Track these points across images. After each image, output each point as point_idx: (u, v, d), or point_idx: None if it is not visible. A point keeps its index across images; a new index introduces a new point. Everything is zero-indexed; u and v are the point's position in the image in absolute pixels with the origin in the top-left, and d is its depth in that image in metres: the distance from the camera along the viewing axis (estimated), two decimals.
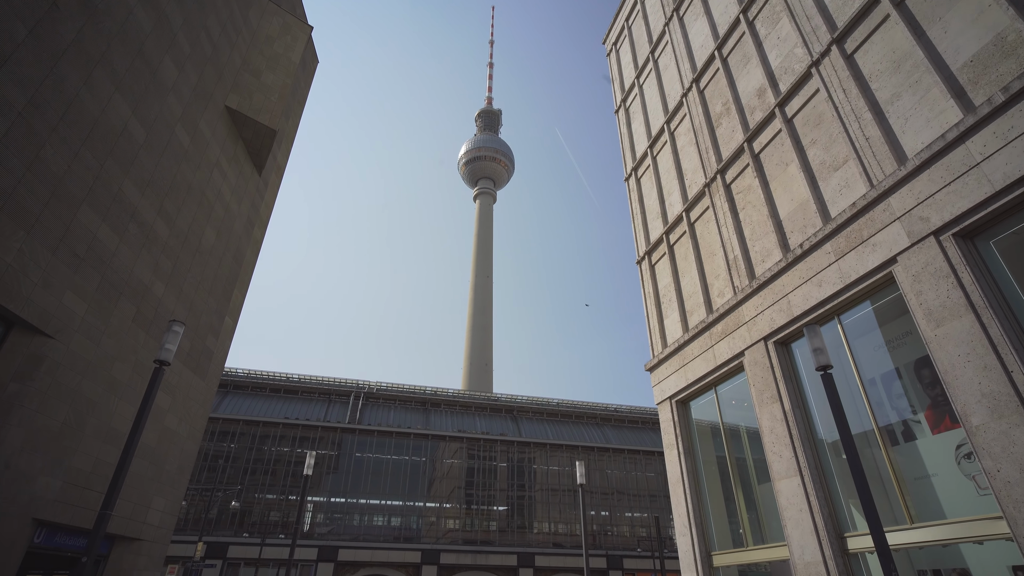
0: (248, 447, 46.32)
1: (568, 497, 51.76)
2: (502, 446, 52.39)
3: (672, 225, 17.09)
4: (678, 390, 15.21)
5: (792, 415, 11.08)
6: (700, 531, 13.70)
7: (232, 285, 15.92)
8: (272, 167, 18.39)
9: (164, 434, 12.86)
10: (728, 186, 14.54)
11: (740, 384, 13.40)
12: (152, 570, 12.63)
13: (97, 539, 6.41)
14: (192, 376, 13.95)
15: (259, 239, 17.82)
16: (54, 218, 9.10)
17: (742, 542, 12.71)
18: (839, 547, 9.79)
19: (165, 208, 12.23)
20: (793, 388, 11.41)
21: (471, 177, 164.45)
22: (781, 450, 11.19)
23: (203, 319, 14.33)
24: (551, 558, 47.45)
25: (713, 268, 14.82)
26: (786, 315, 11.53)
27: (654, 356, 16.81)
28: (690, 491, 14.17)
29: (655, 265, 18.03)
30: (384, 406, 54.85)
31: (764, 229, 12.91)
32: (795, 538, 10.51)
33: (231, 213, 15.65)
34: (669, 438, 15.39)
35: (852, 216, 10.03)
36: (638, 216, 19.60)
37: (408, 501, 48.87)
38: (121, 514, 11.44)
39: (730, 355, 13.18)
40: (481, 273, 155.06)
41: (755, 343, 12.38)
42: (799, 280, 11.25)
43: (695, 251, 15.63)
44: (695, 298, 15.39)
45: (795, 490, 10.68)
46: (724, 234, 14.37)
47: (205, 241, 14.23)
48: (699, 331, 14.46)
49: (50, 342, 9.25)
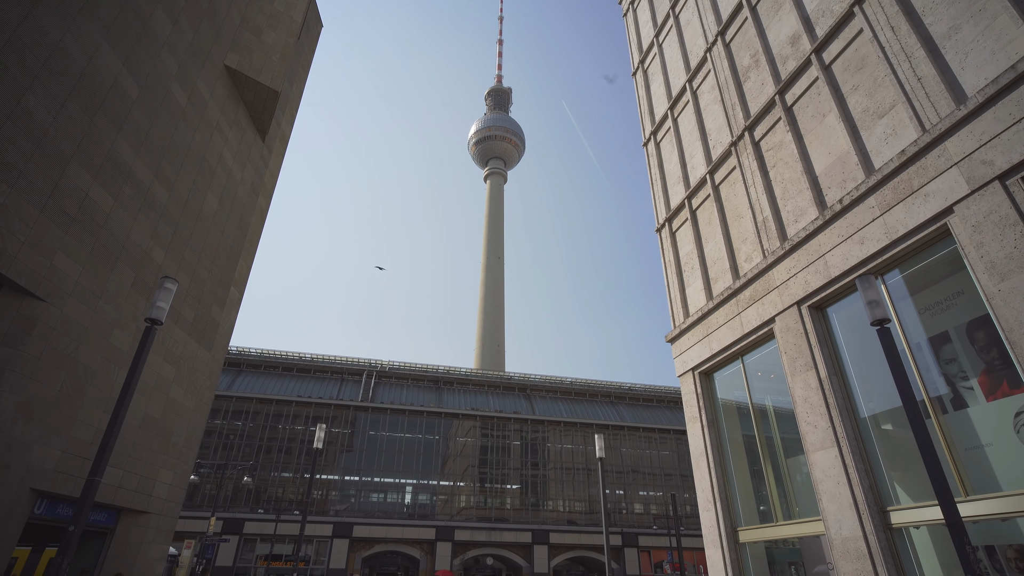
0: (262, 425, 46.56)
1: (581, 475, 51.59)
2: (516, 424, 52.17)
3: (695, 189, 16.23)
4: (701, 361, 14.52)
5: (828, 383, 10.36)
6: (725, 506, 13.11)
7: (237, 255, 15.39)
8: (276, 134, 17.73)
9: (170, 406, 12.46)
10: (757, 143, 13.63)
11: (769, 353, 12.67)
12: (161, 543, 12.34)
13: (85, 507, 5.92)
14: (197, 347, 13.51)
15: (264, 208, 17.23)
16: (40, 173, 8.54)
17: (770, 517, 12.11)
18: (881, 521, 9.13)
19: (163, 170, 11.64)
20: (829, 355, 10.67)
21: (481, 157, 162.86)
22: (816, 420, 10.50)
23: (207, 288, 13.83)
24: (565, 535, 47.44)
25: (740, 232, 13.99)
26: (822, 277, 10.74)
27: (675, 327, 16.10)
28: (714, 465, 13.56)
29: (676, 232, 17.22)
30: (397, 385, 54.80)
31: (797, 187, 12.05)
32: (831, 512, 9.86)
33: (234, 180, 15.04)
34: (692, 411, 14.75)
35: (900, 165, 9.16)
36: (657, 182, 18.73)
37: (422, 479, 49.01)
38: (127, 486, 11.09)
39: (759, 322, 12.43)
40: (492, 254, 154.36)
41: (787, 308, 11.61)
42: (837, 239, 10.42)
43: (720, 215, 14.79)
44: (720, 264, 14.60)
45: (832, 462, 10.00)
46: (752, 195, 13.51)
47: (207, 207, 13.67)
48: (724, 299, 13.70)
49: (41, 305, 8.75)
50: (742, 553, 12.65)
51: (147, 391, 11.61)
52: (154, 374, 11.82)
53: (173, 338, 12.48)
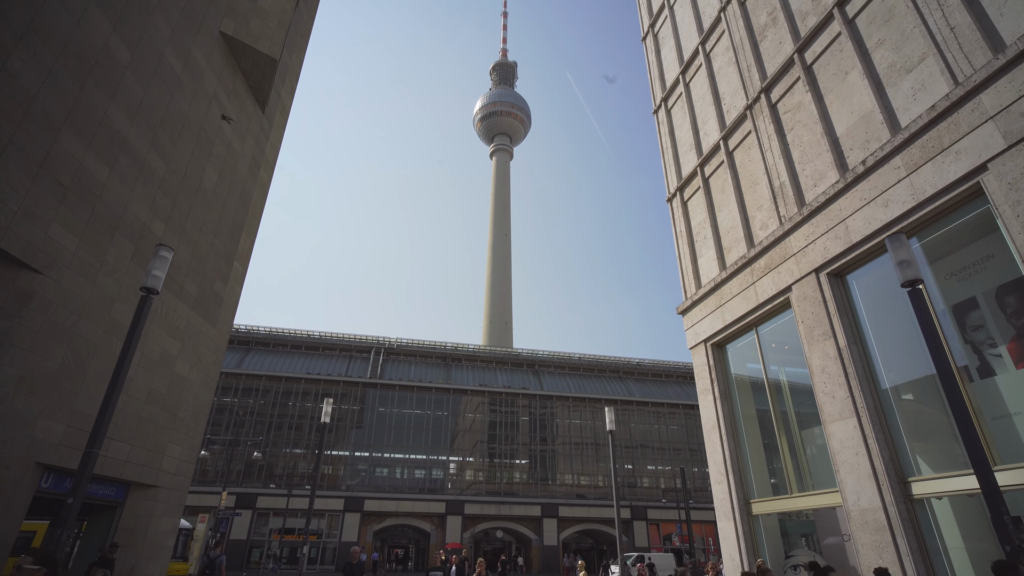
0: (272, 403, 46.95)
1: (590, 450, 51.88)
2: (524, 400, 52.31)
3: (707, 156, 15.71)
4: (714, 332, 14.20)
5: (848, 352, 10.03)
6: (738, 478, 12.93)
7: (239, 229, 15.13)
8: (276, 105, 17.30)
9: (175, 381, 12.34)
10: (774, 106, 13.08)
11: (785, 323, 12.33)
12: (171, 516, 12.36)
13: (83, 479, 5.76)
14: (201, 322, 13.34)
15: (266, 181, 16.91)
16: (31, 140, 8.24)
17: (784, 489, 11.91)
18: (902, 492, 8.89)
19: (159, 141, 11.32)
20: (849, 323, 10.32)
21: (487, 133, 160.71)
22: (834, 390, 10.20)
23: (209, 263, 13.61)
24: (574, 508, 47.90)
25: (755, 199, 13.53)
26: (842, 243, 10.32)
27: (687, 298, 15.75)
28: (727, 437, 13.35)
29: (687, 201, 16.75)
30: (405, 362, 54.97)
31: (817, 150, 11.55)
32: (849, 483, 9.63)
33: (234, 152, 14.70)
34: (704, 383, 14.49)
35: (930, 122, 8.67)
36: (668, 150, 18.18)
37: (431, 455, 49.47)
38: (135, 460, 11.03)
39: (774, 291, 12.06)
40: (499, 231, 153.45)
41: (804, 276, 11.23)
42: (860, 202, 9.98)
43: (734, 182, 14.31)
44: (734, 233, 14.18)
45: (850, 433, 9.73)
46: (768, 160, 13.01)
47: (206, 180, 13.36)
48: (738, 268, 13.32)
49: (38, 277, 8.55)
50: (755, 525, 12.51)
51: (152, 366, 11.48)
52: (158, 349, 11.67)
53: (177, 313, 12.30)
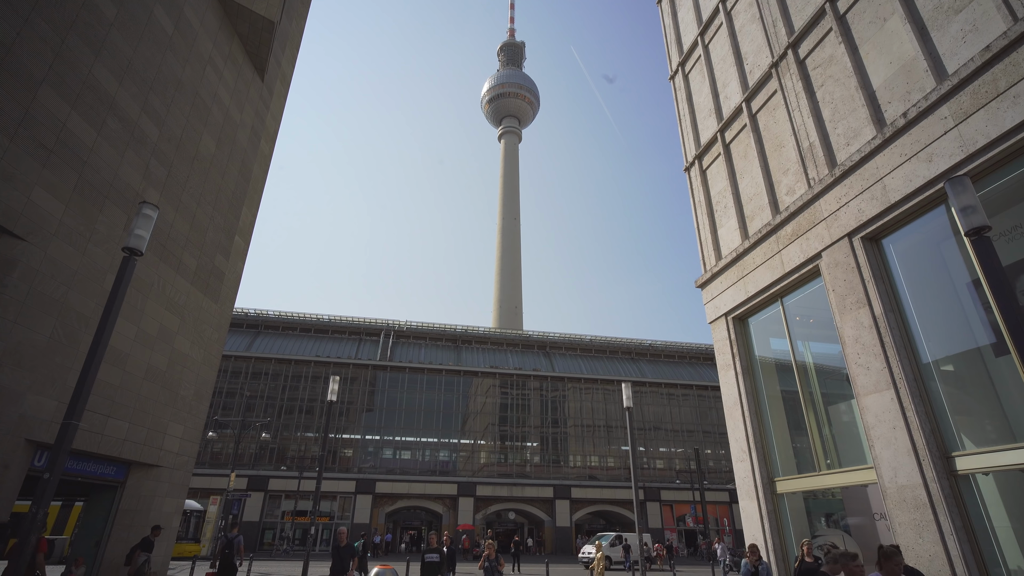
0: (282, 386, 46.90)
1: (602, 432, 51.52)
2: (535, 381, 51.89)
3: (728, 120, 14.90)
4: (735, 305, 13.53)
5: (884, 320, 9.34)
6: (761, 456, 12.36)
7: (240, 201, 14.60)
8: (277, 74, 16.65)
9: (176, 358, 11.92)
10: (802, 62, 12.23)
11: (812, 293, 11.64)
12: (175, 497, 12.03)
13: (61, 453, 5.29)
14: (202, 297, 12.88)
15: (267, 153, 16.32)
16: (7, 96, 7.70)
17: (811, 467, 11.31)
18: (944, 468, 8.26)
19: (151, 104, 10.74)
20: (886, 290, 9.61)
21: (495, 116, 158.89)
22: (869, 361, 9.54)
23: (209, 236, 13.11)
24: (587, 490, 47.69)
25: (780, 163, 12.76)
26: (879, 203, 9.58)
27: (706, 271, 15.06)
28: (749, 414, 12.75)
29: (706, 170, 15.98)
30: (415, 344, 54.69)
31: (850, 105, 10.74)
32: (886, 459, 9.01)
33: (232, 121, 14.12)
34: (725, 358, 13.85)
35: (983, 65, 7.87)
36: (686, 117, 17.36)
37: (443, 437, 49.35)
38: (134, 439, 10.65)
39: (802, 259, 11.35)
40: (508, 215, 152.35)
41: (836, 241, 10.51)
42: (899, 158, 9.21)
43: (757, 146, 13.52)
44: (757, 200, 13.43)
45: (887, 405, 9.09)
46: (796, 120, 12.21)
47: (203, 149, 12.81)
48: (763, 236, 12.60)
49: (21, 244, 8.06)
50: (779, 504, 11.95)
51: (150, 342, 11.04)
52: (156, 324, 11.22)
53: (175, 287, 11.83)
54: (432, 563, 10.36)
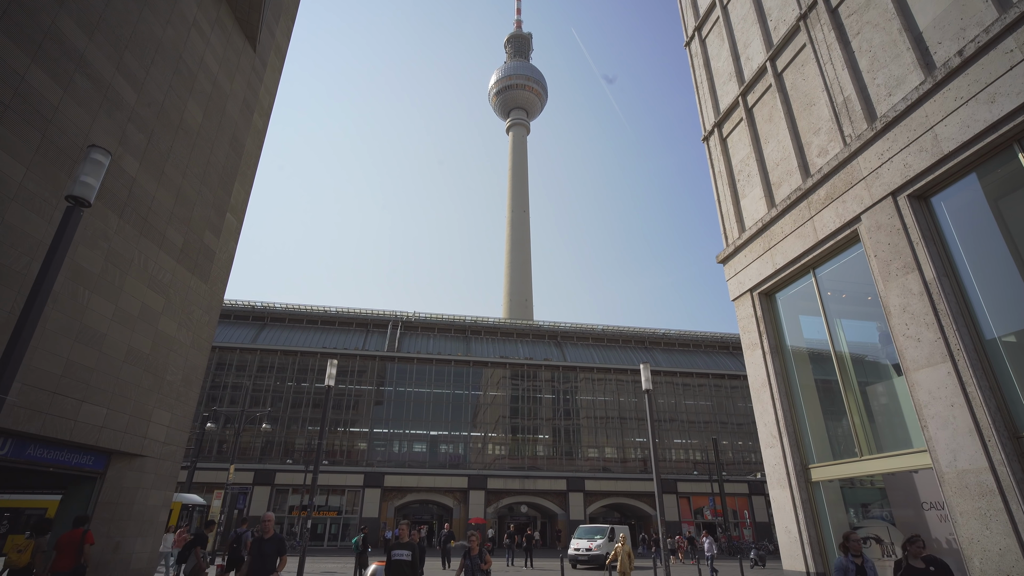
0: (288, 379, 46.29)
1: (615, 423, 50.51)
2: (546, 371, 50.90)
3: (751, 83, 13.85)
4: (762, 279, 12.52)
5: (937, 286, 8.31)
6: (793, 441, 11.37)
7: (231, 177, 13.80)
8: (270, 46, 15.79)
9: (160, 340, 11.14)
10: (834, 9, 11.16)
11: (850, 261, 10.61)
12: (162, 489, 11.28)
13: None
14: (189, 276, 12.10)
15: (261, 128, 15.50)
16: None
17: (850, 451, 10.31)
18: (1015, 450, 7.24)
19: (127, 65, 9.91)
20: (937, 252, 8.58)
21: (503, 108, 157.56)
22: (919, 332, 8.51)
23: (196, 211, 12.31)
24: (601, 482, 46.70)
25: (811, 122, 11.71)
26: (929, 156, 8.54)
27: (728, 245, 14.05)
28: (779, 395, 11.76)
29: (727, 138, 14.94)
30: (423, 335, 53.89)
31: (892, 52, 9.68)
32: (942, 441, 7.99)
33: (221, 90, 13.29)
34: (751, 337, 12.85)
35: None
36: (704, 84, 16.31)
37: (453, 430, 48.59)
38: (114, 426, 9.88)
39: (838, 224, 10.33)
40: (517, 208, 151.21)
41: (878, 202, 9.47)
42: (954, 103, 8.16)
43: (784, 106, 12.48)
44: (784, 165, 12.39)
45: (942, 380, 8.07)
46: (828, 74, 11.15)
47: (189, 117, 11.99)
48: (792, 203, 11.58)
49: None
50: (814, 493, 10.97)
51: (130, 321, 10.26)
52: (137, 302, 10.44)
53: (158, 264, 11.04)
54: (400, 562, 7.83)
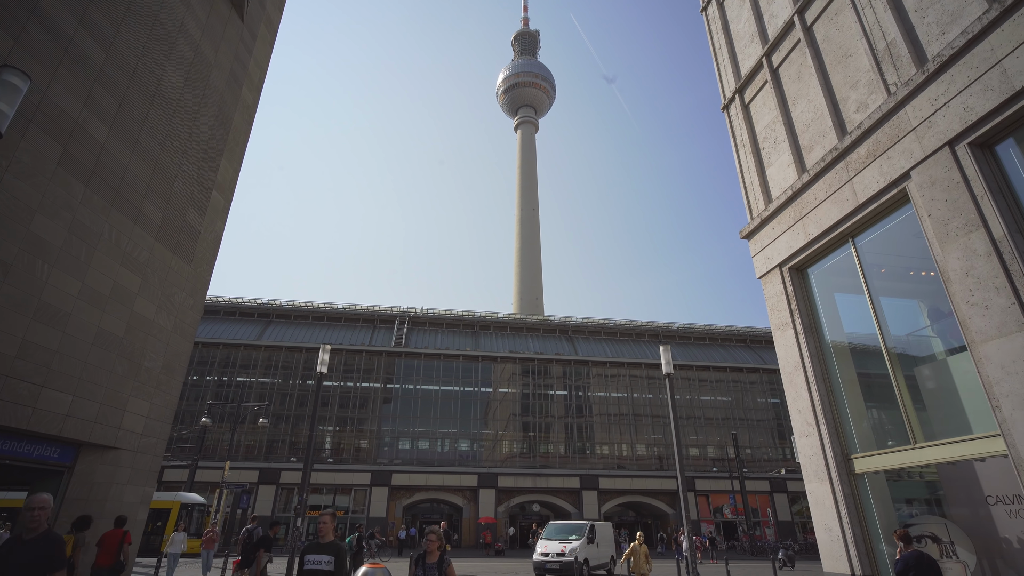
0: (292, 376, 45.50)
1: (629, 420, 49.22)
2: (558, 366, 49.65)
3: (776, 41, 12.74)
4: (792, 252, 11.40)
5: (1009, 243, 7.17)
6: (832, 429, 10.23)
7: (218, 153, 12.93)
8: (260, 17, 14.92)
9: (136, 322, 10.27)
10: None
11: (896, 226, 9.47)
12: (140, 485, 10.40)
13: None
14: (171, 256, 11.23)
15: (251, 104, 14.63)
16: None
17: (901, 439, 9.17)
18: None
19: (92, 19, 9.04)
20: (1007, 206, 7.43)
21: (511, 106, 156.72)
22: (987, 298, 7.38)
23: (177, 186, 11.44)
24: (616, 480, 45.41)
25: (846, 76, 10.57)
26: (996, 94, 7.40)
27: (753, 218, 12.94)
28: (815, 379, 10.63)
29: (749, 104, 13.83)
30: (431, 331, 52.92)
31: None
32: (1019, 423, 6.86)
33: (205, 60, 12.43)
34: (781, 316, 11.72)
35: None
36: (722, 49, 15.21)
37: (462, 427, 47.55)
38: (81, 415, 9.00)
39: (883, 184, 9.19)
40: (527, 206, 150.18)
41: (932, 154, 8.33)
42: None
43: (815, 62, 11.35)
44: (816, 126, 11.27)
45: (1018, 352, 6.93)
46: (867, 19, 10.01)
47: (168, 85, 11.12)
48: (827, 165, 10.45)
49: None
50: (859, 486, 9.83)
51: (99, 300, 9.38)
52: (108, 280, 9.57)
53: (133, 240, 10.16)
54: (315, 572, 5.57)
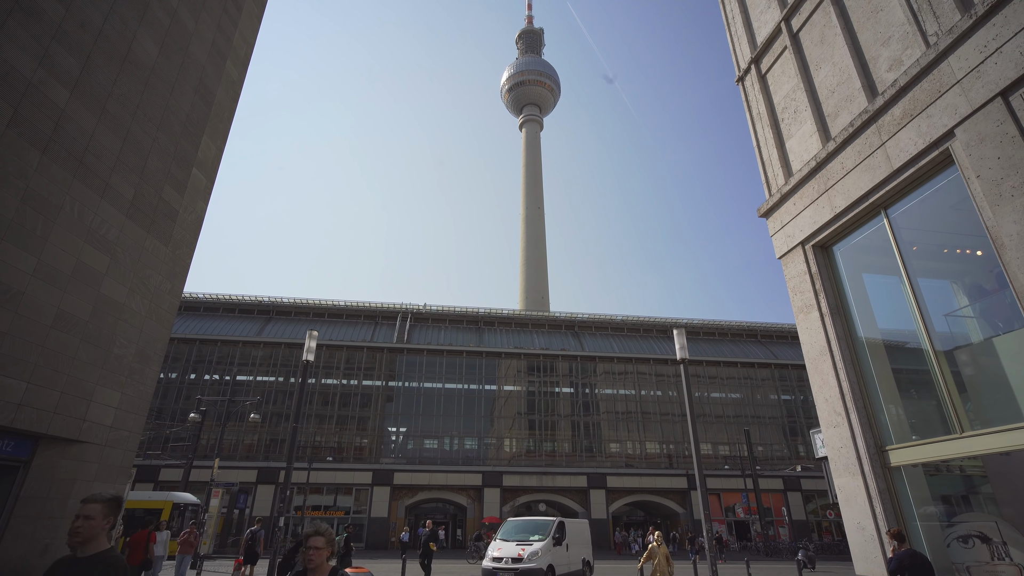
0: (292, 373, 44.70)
1: (637, 417, 48.20)
2: (564, 363, 48.61)
3: (796, 4, 11.83)
4: (816, 228, 10.49)
5: None
6: (864, 418, 9.31)
7: (199, 129, 12.16)
8: None
9: (104, 305, 9.50)
10: None
11: (933, 195, 8.56)
12: (109, 481, 9.62)
13: None
14: (144, 235, 10.46)
15: (236, 80, 13.86)
16: None
17: (942, 428, 8.25)
18: None
19: None
20: None
21: (515, 104, 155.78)
22: None
23: (152, 161, 10.66)
24: (624, 478, 44.38)
25: (877, 32, 9.64)
26: None
27: (771, 194, 12.02)
28: (844, 364, 9.71)
29: (766, 74, 12.92)
30: (434, 327, 52.01)
31: None
32: None
33: (184, 28, 11.67)
34: (804, 297, 10.81)
35: None
36: (736, 18, 14.31)
37: (466, 425, 46.64)
38: (37, 404, 8.21)
39: (922, 145, 8.26)
40: (532, 205, 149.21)
41: (981, 107, 7.40)
42: None
43: (840, 20, 10.43)
44: (842, 90, 10.35)
45: None
46: None
47: (140, 51, 10.36)
48: (856, 131, 9.53)
49: None
50: (895, 480, 8.91)
51: (60, 280, 8.60)
52: (70, 258, 8.79)
53: (99, 215, 9.38)
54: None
